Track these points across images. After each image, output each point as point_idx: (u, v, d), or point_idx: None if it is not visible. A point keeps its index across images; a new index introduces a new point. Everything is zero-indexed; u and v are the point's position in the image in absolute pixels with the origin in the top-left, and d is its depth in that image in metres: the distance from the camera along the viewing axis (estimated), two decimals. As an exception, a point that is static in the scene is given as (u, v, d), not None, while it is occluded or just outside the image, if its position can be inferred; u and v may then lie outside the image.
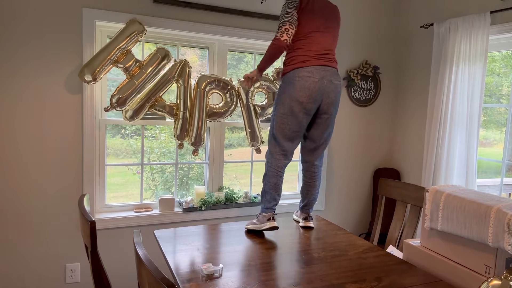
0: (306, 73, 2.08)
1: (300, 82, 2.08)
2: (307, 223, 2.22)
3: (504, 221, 1.37)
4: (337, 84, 2.17)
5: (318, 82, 2.09)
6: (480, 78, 2.56)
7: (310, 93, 2.08)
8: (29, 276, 2.42)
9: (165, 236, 1.98)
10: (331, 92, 2.14)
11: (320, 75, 2.09)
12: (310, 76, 2.08)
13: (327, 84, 2.12)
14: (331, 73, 2.14)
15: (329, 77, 2.12)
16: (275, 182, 2.17)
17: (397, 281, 1.57)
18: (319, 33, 2.15)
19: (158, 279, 0.98)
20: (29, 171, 2.36)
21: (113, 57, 2.35)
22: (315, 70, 2.10)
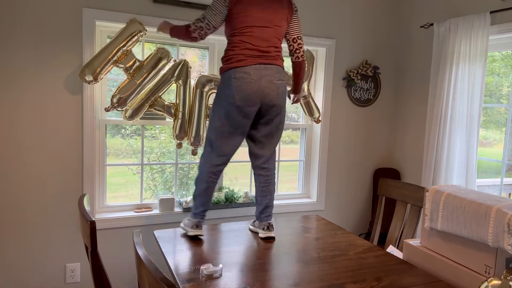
0: (242, 74, 1.93)
1: (236, 84, 1.93)
2: (268, 233, 2.02)
3: (504, 221, 1.37)
4: (278, 83, 2.00)
5: (256, 83, 1.93)
6: (480, 78, 2.56)
7: (247, 95, 1.93)
8: (29, 276, 2.42)
9: (165, 237, 1.98)
10: (271, 92, 1.98)
11: (258, 75, 1.94)
12: (247, 77, 1.93)
13: (267, 84, 1.96)
14: (273, 72, 1.98)
15: (269, 77, 1.96)
16: (206, 187, 2.04)
17: (397, 281, 1.57)
18: (258, 28, 1.98)
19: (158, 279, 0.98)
20: (29, 171, 2.36)
21: (113, 57, 2.35)
22: (253, 70, 1.94)
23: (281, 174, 3.17)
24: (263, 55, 1.98)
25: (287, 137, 3.26)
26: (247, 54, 1.96)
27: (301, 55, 2.14)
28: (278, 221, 2.33)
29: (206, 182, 2.04)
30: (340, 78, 3.16)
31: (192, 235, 1.96)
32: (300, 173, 3.26)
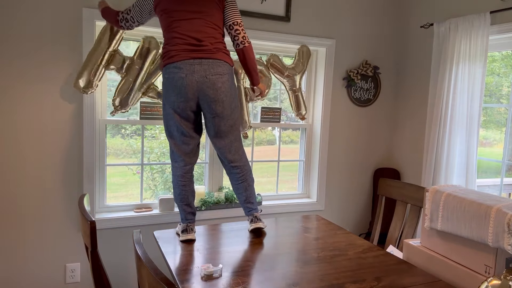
0: (173, 69, 1.90)
1: (168, 80, 1.91)
2: (255, 225, 2.01)
3: (504, 221, 1.37)
4: (214, 78, 1.90)
5: (187, 78, 1.87)
6: (480, 78, 2.56)
7: (179, 90, 1.89)
8: (29, 276, 2.42)
9: (164, 237, 1.98)
10: (206, 88, 1.90)
11: (190, 70, 1.88)
12: (177, 71, 1.88)
13: (200, 79, 1.88)
14: (207, 66, 1.89)
15: (203, 72, 1.89)
16: (178, 193, 2.04)
17: (397, 281, 1.57)
18: (186, 21, 1.92)
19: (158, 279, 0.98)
20: (29, 171, 2.36)
21: (102, 62, 2.32)
22: (184, 64, 1.88)
23: (281, 174, 3.17)
24: (197, 49, 1.91)
25: (287, 137, 3.26)
26: (179, 49, 1.91)
27: (240, 41, 2.02)
28: (278, 221, 2.33)
29: (178, 187, 2.05)
30: (340, 78, 3.16)
31: (184, 240, 1.92)
32: (300, 173, 3.26)
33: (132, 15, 2.09)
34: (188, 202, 2.05)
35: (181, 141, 2.01)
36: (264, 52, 2.99)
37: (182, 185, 2.04)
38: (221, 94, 1.94)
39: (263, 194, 3.07)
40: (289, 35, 2.91)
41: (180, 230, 1.98)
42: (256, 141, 3.10)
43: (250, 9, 2.77)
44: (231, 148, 2.07)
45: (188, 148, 2.03)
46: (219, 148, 2.08)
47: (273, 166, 3.13)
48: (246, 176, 2.11)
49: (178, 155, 2.03)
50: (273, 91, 3.12)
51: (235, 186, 2.13)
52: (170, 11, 1.95)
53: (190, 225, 1.98)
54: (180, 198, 2.04)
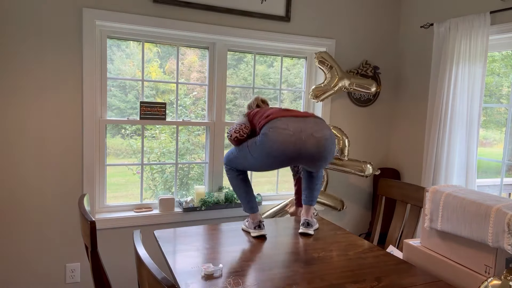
0: (279, 123, 1.85)
1: (273, 134, 1.83)
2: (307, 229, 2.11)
3: (504, 221, 1.37)
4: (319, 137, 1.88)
5: (294, 136, 1.83)
6: (480, 78, 2.56)
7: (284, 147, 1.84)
8: (29, 276, 2.42)
9: (165, 236, 1.98)
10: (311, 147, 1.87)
11: (296, 129, 1.85)
12: (285, 127, 1.84)
13: (306, 138, 1.85)
14: (311, 124, 1.89)
15: (310, 130, 1.86)
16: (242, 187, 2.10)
17: (397, 281, 1.57)
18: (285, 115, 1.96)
19: (158, 279, 0.99)
20: (29, 171, 2.36)
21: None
22: (290, 122, 1.86)
23: (281, 174, 3.17)
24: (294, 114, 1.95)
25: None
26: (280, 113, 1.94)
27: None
28: (278, 221, 2.33)
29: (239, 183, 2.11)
30: (340, 78, 3.16)
31: (257, 236, 2.01)
32: (300, 173, 3.26)
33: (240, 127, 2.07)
34: (252, 193, 2.10)
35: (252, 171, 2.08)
36: (264, 52, 2.99)
37: (243, 179, 2.10)
38: (325, 152, 1.92)
39: (263, 194, 3.07)
40: (289, 35, 2.91)
41: (251, 227, 2.04)
42: (256, 141, 3.09)
43: (250, 9, 2.77)
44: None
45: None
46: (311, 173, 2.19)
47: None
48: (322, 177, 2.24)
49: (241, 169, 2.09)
50: (273, 91, 3.12)
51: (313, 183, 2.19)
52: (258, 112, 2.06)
53: (262, 220, 2.06)
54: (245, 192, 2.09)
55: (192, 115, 2.88)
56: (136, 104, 2.69)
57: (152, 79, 2.73)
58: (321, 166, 2.01)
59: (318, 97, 2.90)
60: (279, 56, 3.06)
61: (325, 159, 1.94)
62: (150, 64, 2.72)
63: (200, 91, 2.88)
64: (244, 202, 2.09)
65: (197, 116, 2.89)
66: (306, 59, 3.14)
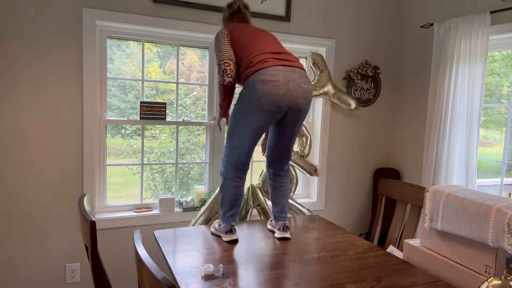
0: (268, 76, 1.80)
1: (262, 87, 1.79)
2: (285, 234, 2.00)
3: (504, 221, 1.37)
4: (306, 88, 1.88)
5: (284, 87, 1.80)
6: (480, 78, 2.56)
7: (275, 99, 1.80)
8: (29, 276, 2.42)
9: (165, 237, 1.98)
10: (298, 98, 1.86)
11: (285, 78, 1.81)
12: (274, 79, 1.79)
13: (294, 88, 1.83)
14: (298, 75, 1.86)
15: (297, 80, 1.85)
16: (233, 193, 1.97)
17: (397, 281, 1.57)
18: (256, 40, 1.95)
19: (158, 279, 0.98)
20: (29, 171, 2.36)
21: None
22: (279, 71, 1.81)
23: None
24: (282, 58, 1.87)
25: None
26: (267, 57, 1.84)
27: None
28: (278, 221, 2.33)
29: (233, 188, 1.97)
30: (340, 78, 3.16)
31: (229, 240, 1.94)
32: (298, 173, 3.26)
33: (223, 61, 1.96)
34: (238, 203, 1.99)
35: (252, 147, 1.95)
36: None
37: (239, 185, 1.97)
38: (307, 105, 1.92)
39: (263, 194, 3.07)
40: (289, 35, 2.91)
41: (223, 231, 1.96)
42: (256, 141, 3.09)
43: (250, 9, 2.77)
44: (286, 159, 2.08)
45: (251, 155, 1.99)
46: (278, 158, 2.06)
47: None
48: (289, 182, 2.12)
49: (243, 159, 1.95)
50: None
51: (279, 188, 2.09)
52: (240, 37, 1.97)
53: (234, 225, 1.99)
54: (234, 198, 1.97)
55: (192, 115, 2.88)
56: (136, 104, 2.69)
57: (152, 79, 2.73)
58: (301, 120, 1.96)
59: None
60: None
61: (305, 111, 1.94)
62: (150, 64, 2.73)
63: (200, 91, 2.88)
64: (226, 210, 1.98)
65: (197, 116, 2.89)
66: (306, 59, 3.14)
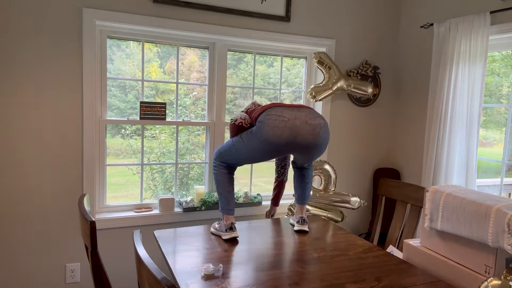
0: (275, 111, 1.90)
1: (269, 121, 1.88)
2: (302, 226, 2.13)
3: (504, 221, 1.37)
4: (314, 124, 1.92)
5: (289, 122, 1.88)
6: (480, 78, 2.56)
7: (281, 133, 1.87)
8: (29, 276, 2.42)
9: (165, 237, 1.98)
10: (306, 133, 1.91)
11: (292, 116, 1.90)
12: (280, 115, 1.88)
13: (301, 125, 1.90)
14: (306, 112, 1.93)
15: (304, 118, 1.91)
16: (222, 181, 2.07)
17: (397, 281, 1.57)
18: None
19: (158, 279, 0.99)
20: (29, 171, 2.36)
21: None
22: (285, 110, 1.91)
23: (281, 174, 3.17)
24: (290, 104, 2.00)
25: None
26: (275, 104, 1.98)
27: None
28: (278, 221, 2.33)
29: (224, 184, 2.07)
30: (340, 78, 3.16)
31: (229, 238, 1.97)
32: (300, 173, 3.26)
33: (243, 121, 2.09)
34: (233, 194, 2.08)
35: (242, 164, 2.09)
36: (264, 52, 2.99)
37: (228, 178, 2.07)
38: (319, 140, 1.95)
39: (263, 194, 3.07)
40: (289, 35, 2.91)
41: (223, 229, 1.99)
42: (256, 141, 3.09)
43: (250, 9, 2.77)
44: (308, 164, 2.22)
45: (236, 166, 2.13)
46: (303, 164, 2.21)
47: (273, 166, 3.12)
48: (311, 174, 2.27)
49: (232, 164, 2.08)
50: (273, 91, 3.12)
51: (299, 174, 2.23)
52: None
53: (234, 222, 2.02)
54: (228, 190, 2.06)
55: (192, 115, 2.88)
56: (136, 104, 2.69)
57: (152, 79, 2.73)
58: (315, 155, 2.04)
59: (316, 96, 2.91)
60: (279, 56, 3.06)
61: (319, 147, 1.97)
62: (150, 64, 2.73)
63: (200, 91, 2.88)
64: (224, 202, 2.04)
65: (197, 116, 2.89)
66: (306, 59, 3.14)
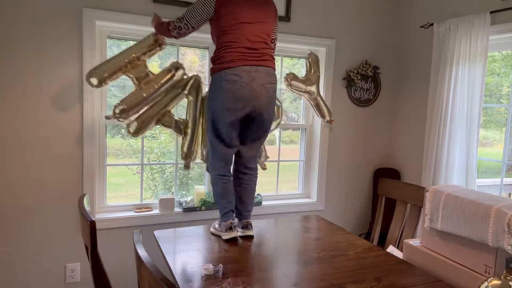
0: (233, 76, 1.90)
1: (227, 87, 1.91)
2: (248, 231, 2.04)
3: (504, 221, 1.37)
4: (269, 87, 1.98)
5: (247, 86, 1.91)
6: (480, 78, 2.56)
7: (238, 99, 1.91)
8: (29, 276, 2.42)
9: (165, 237, 1.98)
10: (262, 97, 1.95)
11: (249, 78, 1.91)
12: (238, 79, 1.90)
13: (258, 88, 1.93)
14: (264, 74, 1.95)
15: (260, 80, 1.94)
16: (221, 191, 2.05)
17: (397, 281, 1.57)
18: (248, 25, 1.96)
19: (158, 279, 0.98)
20: (29, 171, 2.36)
21: (125, 66, 2.23)
22: (244, 72, 1.91)
23: (281, 174, 3.17)
24: (253, 53, 1.95)
25: (287, 137, 3.26)
26: (237, 53, 1.93)
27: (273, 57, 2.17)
28: (278, 221, 2.33)
29: (220, 186, 2.06)
30: (340, 78, 3.16)
31: (228, 238, 1.96)
32: (300, 173, 3.26)
33: (185, 22, 2.07)
34: (230, 199, 2.06)
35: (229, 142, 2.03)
36: (264, 52, 2.98)
37: (224, 183, 2.05)
38: (272, 103, 2.02)
39: (263, 194, 3.07)
40: (289, 35, 2.91)
41: (223, 229, 1.98)
42: (256, 141, 3.09)
43: None
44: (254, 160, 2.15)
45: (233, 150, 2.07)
46: (249, 149, 2.12)
47: (273, 166, 3.13)
48: (255, 180, 2.17)
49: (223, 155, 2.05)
50: (273, 91, 3.12)
51: (244, 187, 2.13)
52: (235, 13, 1.96)
53: (233, 222, 2.00)
54: (223, 195, 2.04)
55: (192, 115, 2.87)
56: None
57: (152, 79, 2.73)
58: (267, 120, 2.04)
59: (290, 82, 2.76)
60: (279, 56, 3.05)
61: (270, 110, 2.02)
62: (150, 64, 2.72)
63: (200, 91, 2.88)
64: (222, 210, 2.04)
65: (197, 116, 2.88)
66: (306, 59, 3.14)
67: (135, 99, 2.27)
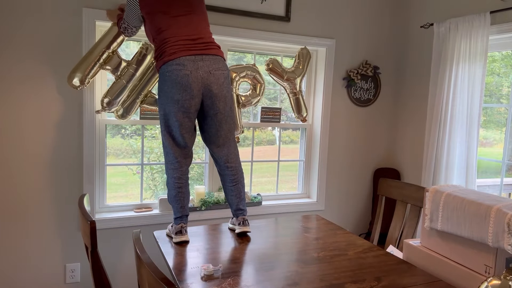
0: (176, 66, 1.86)
1: (171, 77, 1.86)
2: (244, 228, 2.01)
3: (504, 221, 1.37)
4: (218, 74, 1.92)
5: (192, 74, 1.86)
6: (480, 78, 2.56)
7: (184, 87, 1.86)
8: (29, 276, 2.42)
9: (164, 237, 1.98)
10: (210, 84, 1.90)
11: (194, 66, 1.87)
12: (181, 69, 1.85)
13: (204, 75, 1.88)
14: (210, 62, 1.90)
15: (206, 68, 1.89)
16: (174, 194, 1.99)
17: (397, 281, 1.57)
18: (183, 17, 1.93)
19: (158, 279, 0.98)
20: (29, 171, 2.36)
21: (99, 61, 2.30)
22: (187, 61, 1.86)
23: (281, 174, 3.17)
24: (196, 44, 1.92)
25: (287, 137, 3.26)
26: (178, 45, 1.89)
27: None
28: (278, 221, 2.33)
29: (174, 189, 2.00)
30: (340, 78, 3.16)
31: (178, 242, 1.90)
32: (300, 173, 3.26)
33: (127, 23, 2.09)
34: (183, 204, 2.00)
35: (181, 141, 1.98)
36: (264, 52, 2.99)
37: (178, 187, 2.00)
38: (224, 90, 1.96)
39: (263, 194, 3.07)
40: (289, 35, 2.92)
41: (173, 232, 1.94)
42: (256, 141, 3.10)
43: (250, 9, 2.77)
44: (230, 156, 2.08)
45: (185, 150, 2.02)
46: (221, 156, 2.07)
47: (273, 166, 3.13)
48: (240, 178, 2.10)
49: (175, 156, 1.99)
50: (273, 91, 3.12)
51: (229, 187, 2.10)
52: (164, 8, 1.93)
53: (184, 226, 1.95)
54: (176, 200, 2.00)
55: (192, 115, 2.87)
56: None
57: (152, 79, 2.73)
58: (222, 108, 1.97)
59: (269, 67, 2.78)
60: (279, 56, 3.05)
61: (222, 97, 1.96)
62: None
63: (200, 91, 2.88)
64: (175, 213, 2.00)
65: (197, 116, 2.89)
66: (306, 59, 3.14)
67: (117, 88, 2.40)
